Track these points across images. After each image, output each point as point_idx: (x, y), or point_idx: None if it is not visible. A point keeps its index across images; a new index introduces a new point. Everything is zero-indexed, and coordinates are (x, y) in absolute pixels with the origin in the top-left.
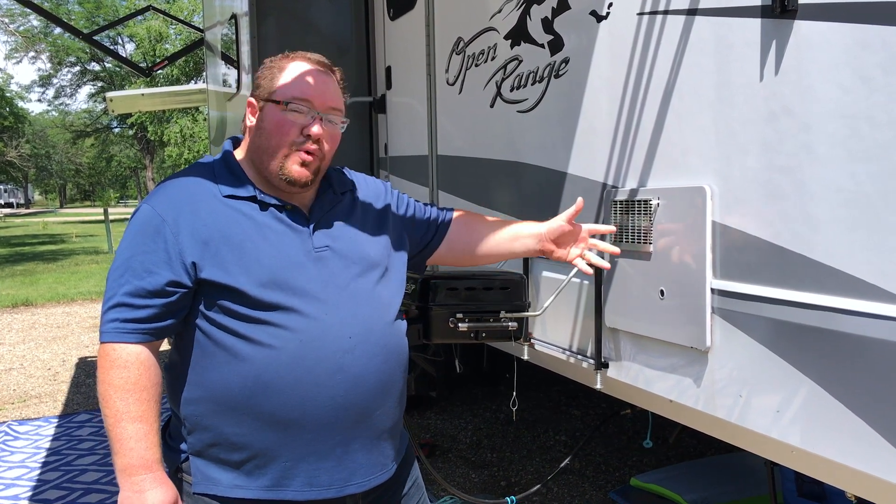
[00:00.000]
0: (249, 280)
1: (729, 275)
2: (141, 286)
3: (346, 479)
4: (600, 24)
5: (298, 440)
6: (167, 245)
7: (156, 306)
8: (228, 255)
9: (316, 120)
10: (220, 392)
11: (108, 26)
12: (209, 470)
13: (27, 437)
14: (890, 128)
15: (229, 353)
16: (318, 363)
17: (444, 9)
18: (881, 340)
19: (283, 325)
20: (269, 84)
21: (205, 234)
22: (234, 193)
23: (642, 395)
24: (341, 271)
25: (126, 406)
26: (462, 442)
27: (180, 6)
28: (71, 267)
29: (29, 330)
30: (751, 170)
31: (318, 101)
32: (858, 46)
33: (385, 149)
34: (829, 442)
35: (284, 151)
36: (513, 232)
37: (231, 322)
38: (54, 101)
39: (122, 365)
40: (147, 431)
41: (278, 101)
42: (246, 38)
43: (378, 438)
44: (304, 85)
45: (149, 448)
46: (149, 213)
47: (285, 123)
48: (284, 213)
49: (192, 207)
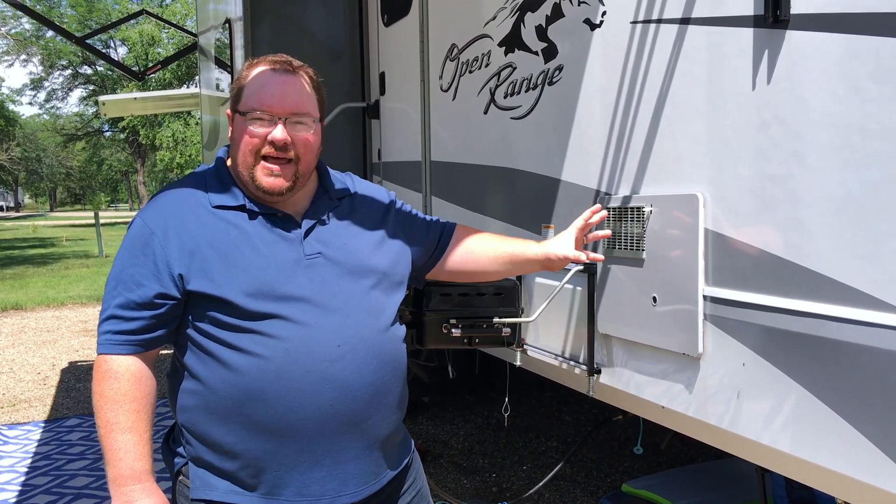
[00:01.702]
0: (236, 290)
1: (721, 282)
2: (131, 299)
3: (338, 489)
4: (594, 32)
5: (288, 449)
6: (156, 257)
7: (145, 318)
8: (215, 266)
9: (277, 125)
10: (212, 400)
11: (101, 30)
12: (207, 476)
13: (16, 442)
14: (881, 137)
15: (219, 362)
16: (306, 372)
17: (439, 15)
18: (871, 348)
19: (271, 335)
20: (236, 95)
21: (192, 245)
22: (223, 203)
23: (634, 401)
24: (333, 278)
25: (116, 417)
26: (454, 447)
27: (173, 10)
28: (61, 271)
29: (18, 334)
30: (743, 178)
31: (278, 107)
32: (850, 56)
33: (378, 154)
34: (819, 448)
35: (251, 162)
36: (517, 253)
37: (220, 332)
38: (45, 105)
39: (112, 376)
40: (136, 442)
41: (242, 111)
42: (240, 42)
43: (371, 448)
44: (262, 92)
45: (137, 459)
46: (140, 225)
47: (248, 134)
48: (275, 220)
49: (181, 219)
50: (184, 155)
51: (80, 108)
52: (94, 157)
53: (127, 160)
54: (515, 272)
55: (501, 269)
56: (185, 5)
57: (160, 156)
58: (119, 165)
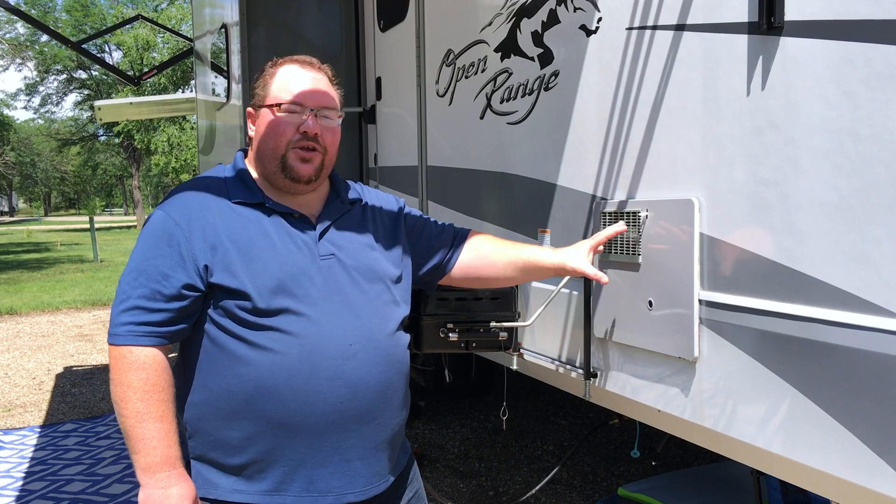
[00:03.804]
0: (255, 285)
1: (716, 286)
2: (156, 289)
3: (345, 486)
4: (590, 38)
5: (297, 445)
6: (181, 249)
7: (171, 310)
8: (236, 261)
9: (310, 116)
10: (222, 395)
11: (97, 35)
12: (210, 474)
13: (12, 447)
14: (873, 142)
15: (233, 356)
16: (318, 369)
17: (435, 21)
18: (864, 351)
19: (286, 331)
20: (263, 92)
21: (213, 238)
22: (243, 200)
23: (630, 404)
24: (345, 280)
25: (147, 407)
26: (450, 451)
27: (168, 15)
28: (56, 275)
29: (13, 339)
30: (738, 183)
31: (309, 100)
32: (843, 63)
33: (375, 159)
34: (813, 451)
35: (283, 151)
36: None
37: (236, 326)
38: (40, 109)
39: (140, 367)
40: (168, 430)
41: (273, 104)
42: (236, 47)
43: (377, 448)
44: (294, 86)
45: (170, 446)
46: (163, 218)
47: (280, 124)
48: (292, 220)
49: (203, 213)
50: (179, 160)
51: (74, 113)
52: (88, 162)
53: (122, 165)
54: (526, 279)
55: (515, 275)
56: (180, 10)
57: (155, 160)
58: (114, 170)
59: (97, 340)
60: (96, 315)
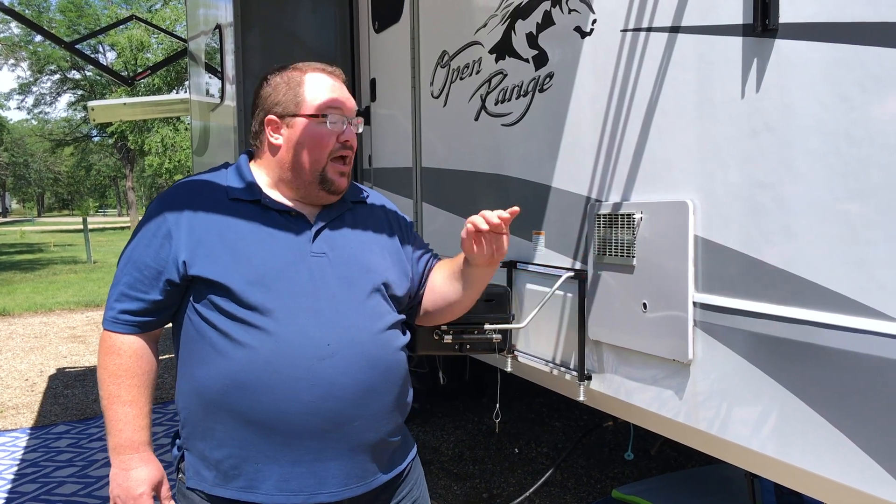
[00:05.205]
0: (237, 277)
1: (711, 288)
2: (138, 278)
3: (317, 486)
4: (584, 39)
5: (269, 442)
6: (164, 242)
7: (146, 301)
8: (221, 253)
9: (348, 126)
10: (203, 387)
11: (91, 35)
12: (198, 466)
13: (4, 449)
14: (867, 144)
15: (213, 348)
16: (292, 367)
17: (429, 22)
18: (859, 354)
19: (263, 327)
20: (293, 98)
21: (201, 231)
22: (240, 196)
23: (625, 406)
24: (334, 279)
25: (118, 390)
26: (444, 454)
27: (163, 15)
28: (49, 276)
29: (6, 340)
30: (732, 185)
31: (347, 109)
32: (837, 65)
33: (369, 160)
34: (807, 453)
35: (323, 162)
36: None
37: (217, 318)
38: (34, 110)
39: (115, 352)
40: (135, 415)
41: (313, 114)
42: (230, 48)
43: (357, 450)
44: (330, 94)
45: (136, 431)
46: (154, 209)
47: (324, 135)
48: (288, 218)
49: (195, 206)
50: (173, 160)
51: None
52: (82, 163)
53: (115, 165)
54: (468, 287)
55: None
56: (174, 10)
57: (149, 161)
58: (107, 171)
59: (90, 342)
60: (89, 316)
